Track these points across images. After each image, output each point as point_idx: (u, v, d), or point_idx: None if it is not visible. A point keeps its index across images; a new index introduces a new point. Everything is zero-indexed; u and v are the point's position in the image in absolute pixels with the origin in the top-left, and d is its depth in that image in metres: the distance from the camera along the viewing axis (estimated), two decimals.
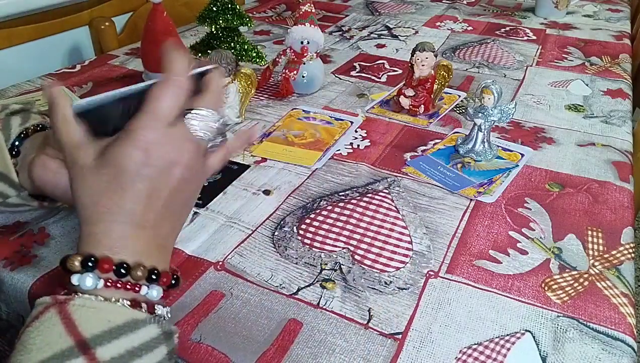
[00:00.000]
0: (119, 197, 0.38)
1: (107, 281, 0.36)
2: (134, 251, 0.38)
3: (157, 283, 0.38)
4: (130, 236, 0.38)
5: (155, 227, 0.39)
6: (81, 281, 0.36)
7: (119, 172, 0.38)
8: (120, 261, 0.37)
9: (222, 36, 0.98)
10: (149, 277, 0.38)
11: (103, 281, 0.36)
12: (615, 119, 0.85)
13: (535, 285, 0.53)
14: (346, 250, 0.57)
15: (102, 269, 0.36)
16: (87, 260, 0.36)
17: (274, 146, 0.76)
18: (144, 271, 0.37)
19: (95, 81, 0.96)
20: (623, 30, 1.30)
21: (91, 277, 0.36)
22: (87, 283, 0.36)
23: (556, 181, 0.69)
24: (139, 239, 0.39)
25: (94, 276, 0.36)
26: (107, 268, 0.36)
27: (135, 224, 0.38)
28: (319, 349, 0.45)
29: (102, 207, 0.38)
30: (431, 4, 1.51)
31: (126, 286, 0.37)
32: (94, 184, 0.38)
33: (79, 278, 0.36)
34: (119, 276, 0.37)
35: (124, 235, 0.38)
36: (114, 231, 0.38)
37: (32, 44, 1.14)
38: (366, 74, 1.02)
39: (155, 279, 0.38)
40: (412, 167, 0.71)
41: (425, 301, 0.50)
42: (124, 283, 0.37)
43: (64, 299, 0.35)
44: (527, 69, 1.05)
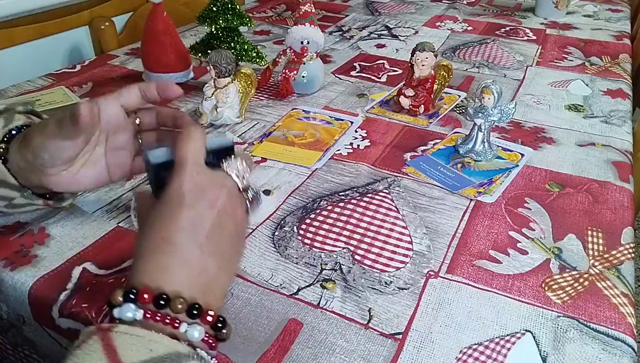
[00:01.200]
0: (164, 229, 0.38)
1: (146, 312, 0.35)
2: (175, 282, 0.37)
3: (199, 321, 0.36)
4: (173, 267, 0.37)
5: (200, 261, 0.38)
6: (122, 313, 0.35)
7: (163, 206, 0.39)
8: (159, 291, 0.36)
9: (222, 36, 0.98)
10: (190, 312, 0.36)
11: (142, 312, 0.35)
12: (615, 119, 0.86)
13: (535, 285, 0.53)
14: (346, 250, 0.57)
15: (142, 300, 0.35)
16: (128, 292, 0.36)
17: (274, 146, 0.76)
18: (184, 303, 0.36)
19: (95, 81, 0.96)
20: (623, 30, 1.30)
21: (131, 309, 0.35)
22: (127, 314, 0.35)
23: (556, 181, 0.69)
24: (181, 271, 0.38)
25: (134, 307, 0.35)
26: (146, 299, 0.35)
27: (177, 255, 0.38)
28: (320, 349, 0.45)
29: (147, 241, 0.38)
30: (431, 4, 1.51)
31: (165, 319, 0.35)
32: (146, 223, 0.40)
33: (119, 311, 0.35)
34: (158, 307, 0.35)
35: (166, 266, 0.37)
36: (156, 260, 0.37)
37: (32, 44, 1.14)
38: (366, 74, 1.02)
39: (196, 314, 0.36)
40: (412, 167, 0.71)
41: (425, 302, 0.50)
42: (162, 315, 0.35)
43: (107, 326, 0.34)
44: (527, 69, 1.05)
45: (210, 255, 0.39)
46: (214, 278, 0.39)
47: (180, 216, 0.38)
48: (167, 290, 0.36)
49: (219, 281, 0.40)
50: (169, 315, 0.36)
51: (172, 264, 0.37)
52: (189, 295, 0.37)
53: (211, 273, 0.39)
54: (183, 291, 0.37)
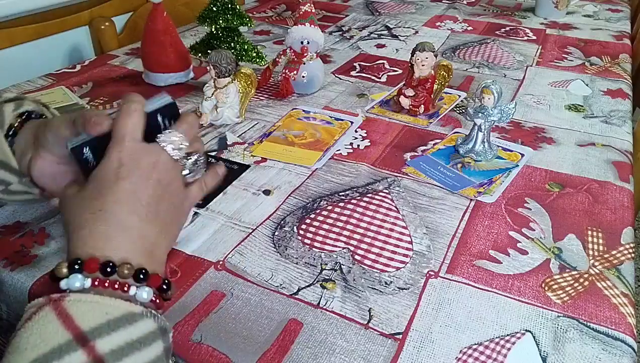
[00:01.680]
0: (101, 202, 0.40)
1: (94, 281, 0.36)
2: (118, 249, 0.38)
3: (147, 284, 0.38)
4: (115, 236, 0.39)
5: (140, 229, 0.40)
6: (69, 284, 0.36)
7: (98, 183, 0.41)
8: (106, 259, 0.37)
9: (222, 36, 0.98)
10: (137, 277, 0.38)
11: (91, 280, 0.36)
12: (615, 119, 0.86)
13: (535, 285, 0.53)
14: (346, 250, 0.57)
15: (89, 269, 0.36)
16: (73, 263, 0.36)
17: (274, 146, 0.76)
18: (131, 269, 0.38)
19: (95, 81, 0.96)
20: (623, 30, 1.30)
21: (79, 278, 0.36)
22: (75, 284, 0.36)
23: (556, 181, 0.69)
24: (124, 239, 0.39)
25: (81, 277, 0.36)
26: (93, 267, 0.36)
27: (118, 224, 0.39)
28: (320, 349, 0.45)
29: (85, 215, 0.39)
30: (431, 4, 1.51)
31: (114, 285, 0.37)
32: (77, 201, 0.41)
33: (67, 282, 0.36)
34: (106, 275, 0.37)
35: (108, 235, 0.39)
36: (98, 231, 0.38)
37: (32, 44, 1.14)
38: (366, 74, 1.02)
39: (143, 279, 0.38)
40: (412, 167, 0.71)
41: (425, 302, 0.50)
42: (112, 282, 0.37)
43: (58, 297, 0.35)
44: (527, 69, 1.05)
45: (149, 222, 0.41)
46: (155, 243, 0.41)
47: (117, 188, 0.40)
48: (112, 257, 0.37)
49: (160, 246, 0.42)
50: (117, 280, 0.37)
51: (113, 232, 0.39)
52: (134, 260, 0.38)
53: (152, 238, 0.41)
54: (128, 256, 0.38)
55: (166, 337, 0.37)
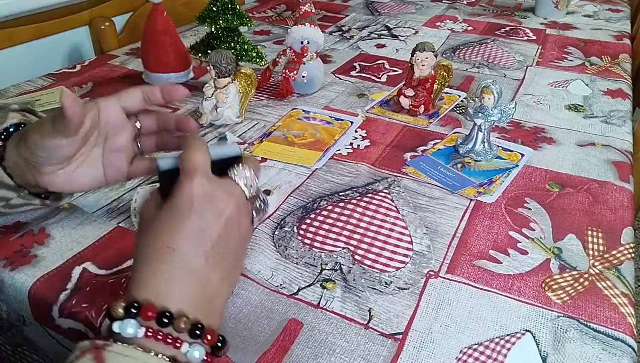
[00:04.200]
0: (170, 237, 0.37)
1: (148, 330, 0.34)
2: (179, 298, 0.36)
3: (201, 341, 0.36)
4: (178, 279, 0.36)
5: (204, 274, 0.38)
6: (122, 328, 0.34)
7: (169, 213, 0.38)
8: (163, 308, 0.35)
9: (222, 36, 0.98)
10: (192, 332, 0.35)
11: (144, 329, 0.34)
12: (615, 119, 0.86)
13: (535, 285, 0.53)
14: (346, 250, 0.57)
15: (145, 316, 0.34)
16: (130, 306, 0.34)
17: (274, 146, 0.76)
18: (187, 323, 0.35)
19: (95, 81, 0.96)
20: (623, 30, 1.30)
21: (132, 325, 0.34)
22: (128, 330, 0.34)
23: (556, 181, 0.69)
24: (187, 284, 0.37)
25: (135, 324, 0.34)
26: (149, 316, 0.34)
27: (184, 266, 0.37)
28: (320, 349, 0.45)
29: (152, 249, 0.37)
30: (431, 4, 1.51)
31: (167, 339, 0.35)
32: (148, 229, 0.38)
33: (120, 325, 0.34)
34: (161, 325, 0.35)
35: (171, 278, 0.36)
36: (161, 272, 0.36)
37: (32, 44, 1.14)
38: (366, 74, 1.02)
39: (198, 335, 0.35)
40: (412, 167, 0.71)
41: (425, 302, 0.50)
42: (164, 335, 0.35)
43: (102, 344, 0.33)
44: (527, 69, 1.05)
45: (215, 265, 0.38)
46: (216, 291, 0.39)
47: (188, 223, 0.38)
48: (170, 307, 0.35)
49: (221, 294, 0.40)
50: (171, 334, 0.35)
51: (177, 275, 0.37)
52: (192, 313, 0.36)
53: (214, 285, 0.38)
54: (186, 309, 0.36)
55: None
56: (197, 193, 0.39)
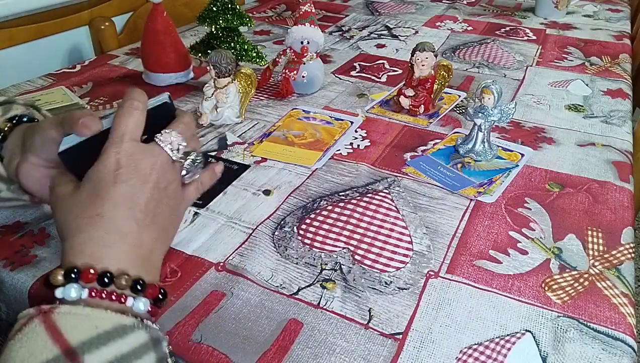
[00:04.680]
0: (98, 206, 0.39)
1: (91, 291, 0.36)
2: (117, 259, 0.38)
3: (143, 295, 0.38)
4: (112, 243, 0.38)
5: (138, 236, 0.40)
6: (65, 293, 0.35)
7: (95, 184, 0.39)
8: (103, 269, 0.36)
9: (222, 36, 0.98)
10: (134, 287, 0.37)
11: (87, 290, 0.35)
12: (615, 119, 0.86)
13: (535, 285, 0.53)
14: (346, 250, 0.57)
15: (86, 278, 0.36)
16: (69, 272, 0.36)
17: (274, 146, 0.76)
18: (129, 280, 0.37)
19: (95, 81, 0.96)
20: (623, 30, 1.30)
21: (75, 288, 0.35)
22: (72, 294, 0.35)
23: (556, 181, 0.69)
24: (121, 246, 0.38)
25: (77, 287, 0.35)
26: (90, 277, 0.36)
27: (116, 230, 0.38)
28: (320, 349, 0.45)
29: (81, 219, 0.38)
30: (431, 4, 1.51)
31: (111, 296, 0.36)
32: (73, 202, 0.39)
33: (62, 291, 0.35)
34: (103, 285, 0.36)
35: (106, 242, 0.38)
36: (95, 238, 0.38)
37: (32, 44, 1.14)
38: (366, 74, 1.02)
39: (140, 290, 0.37)
40: (412, 167, 0.71)
41: (425, 302, 0.50)
42: (109, 292, 0.36)
43: (47, 308, 0.34)
44: (527, 69, 1.05)
45: (147, 227, 0.40)
46: (151, 250, 0.41)
47: (115, 191, 0.39)
48: (110, 267, 0.37)
49: (157, 253, 0.42)
50: (115, 291, 0.36)
51: (111, 239, 0.38)
52: (132, 271, 0.38)
53: (149, 245, 0.40)
54: (124, 267, 0.38)
55: (159, 347, 0.36)
56: (123, 160, 0.40)
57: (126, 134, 0.41)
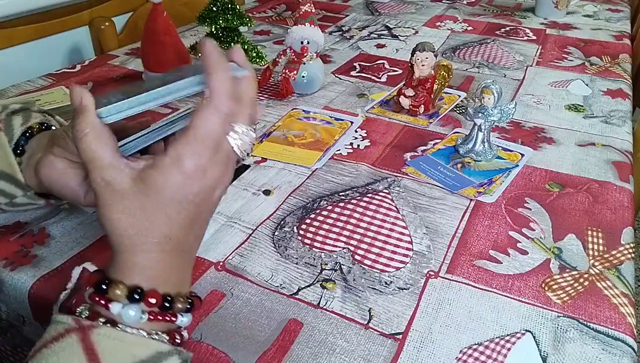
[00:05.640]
0: (166, 226, 0.36)
1: (150, 315, 0.35)
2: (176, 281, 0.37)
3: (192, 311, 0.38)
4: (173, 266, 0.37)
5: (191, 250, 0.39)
6: (124, 313, 0.34)
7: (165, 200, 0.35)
8: (165, 293, 0.36)
9: (222, 36, 0.98)
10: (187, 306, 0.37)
11: (147, 314, 0.35)
12: (615, 119, 0.86)
13: (535, 285, 0.53)
14: (346, 250, 0.57)
15: (148, 303, 0.35)
16: (133, 291, 0.35)
17: (274, 146, 0.76)
18: (184, 302, 0.36)
19: (96, 81, 0.96)
20: (623, 30, 1.30)
21: (134, 310, 0.34)
22: (131, 315, 0.34)
23: (556, 181, 0.69)
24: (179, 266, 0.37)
25: (137, 309, 0.34)
26: (154, 303, 0.35)
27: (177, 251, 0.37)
28: (320, 349, 0.45)
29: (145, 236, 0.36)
30: (431, 4, 1.51)
31: (165, 318, 0.35)
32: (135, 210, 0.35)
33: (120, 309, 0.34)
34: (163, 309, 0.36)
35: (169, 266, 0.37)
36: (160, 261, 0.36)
37: (32, 44, 1.14)
38: (366, 74, 1.02)
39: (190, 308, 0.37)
40: (412, 167, 0.71)
41: (425, 302, 0.50)
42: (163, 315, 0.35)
43: (88, 325, 0.33)
44: (527, 69, 1.05)
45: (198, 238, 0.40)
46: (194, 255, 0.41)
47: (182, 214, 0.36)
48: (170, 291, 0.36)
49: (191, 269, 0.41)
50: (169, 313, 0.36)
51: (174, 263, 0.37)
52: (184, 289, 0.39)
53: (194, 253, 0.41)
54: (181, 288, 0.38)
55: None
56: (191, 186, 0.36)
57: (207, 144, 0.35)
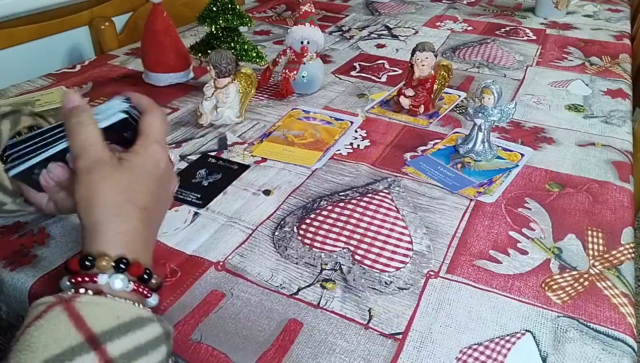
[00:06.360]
0: (146, 196, 0.41)
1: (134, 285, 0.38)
2: (148, 255, 0.40)
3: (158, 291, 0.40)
4: (147, 239, 0.41)
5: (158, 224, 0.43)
6: (111, 282, 0.37)
7: (146, 173, 0.42)
8: (145, 266, 0.39)
9: (222, 36, 0.98)
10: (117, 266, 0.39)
11: (132, 284, 0.37)
12: (615, 119, 0.86)
13: (535, 285, 0.53)
14: (346, 250, 0.57)
15: (133, 272, 0.37)
16: (119, 262, 0.37)
17: (274, 146, 0.76)
18: (158, 280, 0.39)
19: (95, 81, 0.96)
20: (623, 30, 1.30)
21: (121, 279, 0.37)
22: (117, 285, 0.36)
23: (556, 181, 0.69)
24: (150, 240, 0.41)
25: (124, 279, 0.37)
26: (136, 272, 0.38)
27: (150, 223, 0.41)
28: (320, 349, 0.45)
29: (132, 204, 0.40)
30: (431, 4, 1.51)
31: (143, 291, 0.38)
32: (125, 180, 0.40)
33: (107, 278, 0.36)
34: (143, 281, 0.38)
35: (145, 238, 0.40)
36: (139, 234, 0.40)
37: (32, 44, 1.14)
38: (366, 74, 1.02)
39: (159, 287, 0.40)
40: (412, 167, 0.71)
41: (425, 302, 0.50)
42: (143, 287, 0.38)
43: (69, 297, 0.35)
44: (527, 69, 1.05)
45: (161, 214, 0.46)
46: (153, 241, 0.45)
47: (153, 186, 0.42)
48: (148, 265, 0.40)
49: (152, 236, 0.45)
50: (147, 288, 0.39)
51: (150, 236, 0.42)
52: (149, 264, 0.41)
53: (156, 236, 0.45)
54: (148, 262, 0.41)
55: (169, 341, 0.38)
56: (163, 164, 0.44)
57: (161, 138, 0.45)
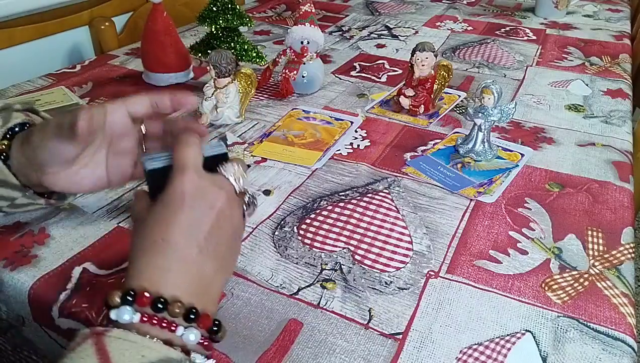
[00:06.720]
0: (163, 230, 0.39)
1: (143, 316, 0.35)
2: (173, 285, 0.37)
3: (196, 325, 0.37)
4: (172, 269, 0.38)
5: (197, 263, 0.39)
6: (119, 315, 0.35)
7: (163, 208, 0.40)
8: (157, 294, 0.36)
9: (222, 36, 0.98)
10: (187, 316, 0.36)
11: (139, 315, 0.35)
12: (615, 119, 0.86)
13: (535, 285, 0.53)
14: (346, 250, 0.57)
15: (140, 303, 0.35)
16: (126, 294, 0.35)
17: (274, 146, 0.76)
18: (182, 308, 0.36)
19: (95, 81, 0.96)
20: (623, 30, 1.30)
21: (128, 311, 0.35)
22: (124, 317, 0.35)
23: (556, 181, 0.69)
24: (181, 273, 0.38)
25: (131, 310, 0.35)
26: (144, 302, 0.35)
27: (177, 257, 0.38)
28: (320, 349, 0.45)
29: (146, 241, 0.38)
30: (431, 4, 1.51)
31: (162, 323, 0.36)
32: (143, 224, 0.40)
33: (116, 313, 0.35)
34: (156, 311, 0.36)
35: (165, 268, 0.38)
36: (155, 262, 0.38)
37: (32, 44, 1.14)
38: (366, 74, 1.02)
39: (193, 319, 0.36)
40: (412, 167, 0.71)
41: (425, 302, 0.50)
42: (159, 319, 0.36)
43: (102, 330, 0.34)
44: (527, 69, 1.05)
45: (208, 256, 0.39)
46: (210, 281, 0.40)
47: (180, 217, 0.39)
48: (165, 293, 0.36)
49: (215, 284, 0.41)
50: (165, 318, 0.36)
51: (171, 266, 0.38)
52: (187, 299, 0.37)
53: (208, 275, 0.39)
54: (181, 295, 0.37)
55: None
56: (189, 187, 0.40)
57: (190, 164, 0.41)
